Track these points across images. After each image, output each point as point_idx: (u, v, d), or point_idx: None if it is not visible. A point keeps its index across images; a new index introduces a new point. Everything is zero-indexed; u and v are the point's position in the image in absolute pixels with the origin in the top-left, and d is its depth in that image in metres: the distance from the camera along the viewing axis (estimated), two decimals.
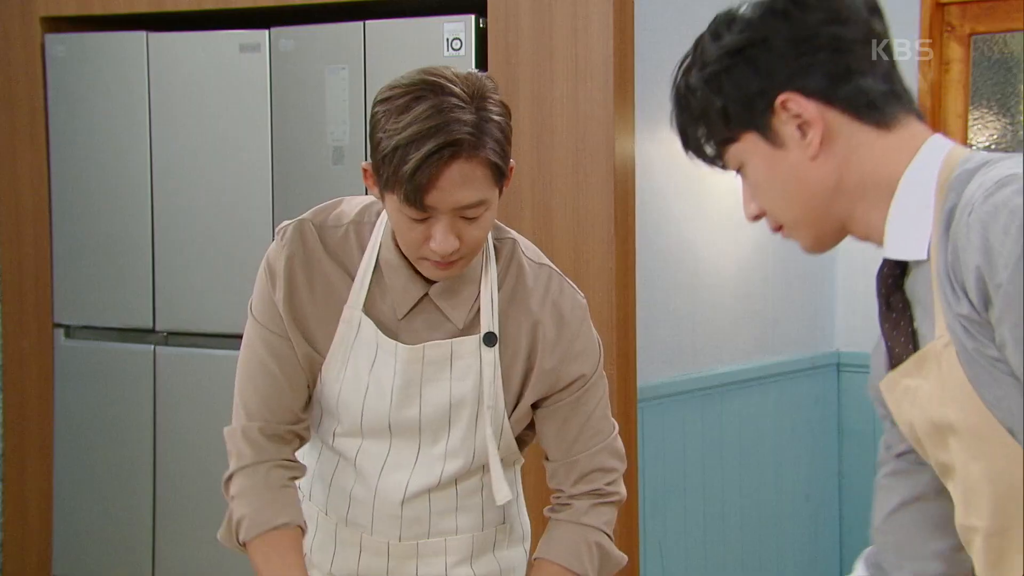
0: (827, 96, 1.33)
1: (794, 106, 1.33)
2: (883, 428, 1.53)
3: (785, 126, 1.34)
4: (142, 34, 3.79)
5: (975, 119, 4.00)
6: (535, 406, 1.88)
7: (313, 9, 3.63)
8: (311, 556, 1.95)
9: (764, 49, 1.34)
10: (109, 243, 3.88)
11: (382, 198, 1.71)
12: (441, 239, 1.66)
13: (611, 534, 1.90)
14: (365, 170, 1.73)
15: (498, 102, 1.68)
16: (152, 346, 3.85)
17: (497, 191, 1.69)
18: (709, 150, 1.41)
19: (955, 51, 3.94)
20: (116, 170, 3.86)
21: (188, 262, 3.78)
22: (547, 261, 1.88)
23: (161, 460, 3.84)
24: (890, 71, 1.35)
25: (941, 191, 1.30)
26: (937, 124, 3.96)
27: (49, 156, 3.96)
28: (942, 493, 1.45)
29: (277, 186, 3.64)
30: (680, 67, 1.44)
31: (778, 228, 1.43)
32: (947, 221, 1.26)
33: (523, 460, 2.01)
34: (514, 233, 1.89)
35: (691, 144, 1.43)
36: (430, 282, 1.79)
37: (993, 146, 4.03)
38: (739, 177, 1.43)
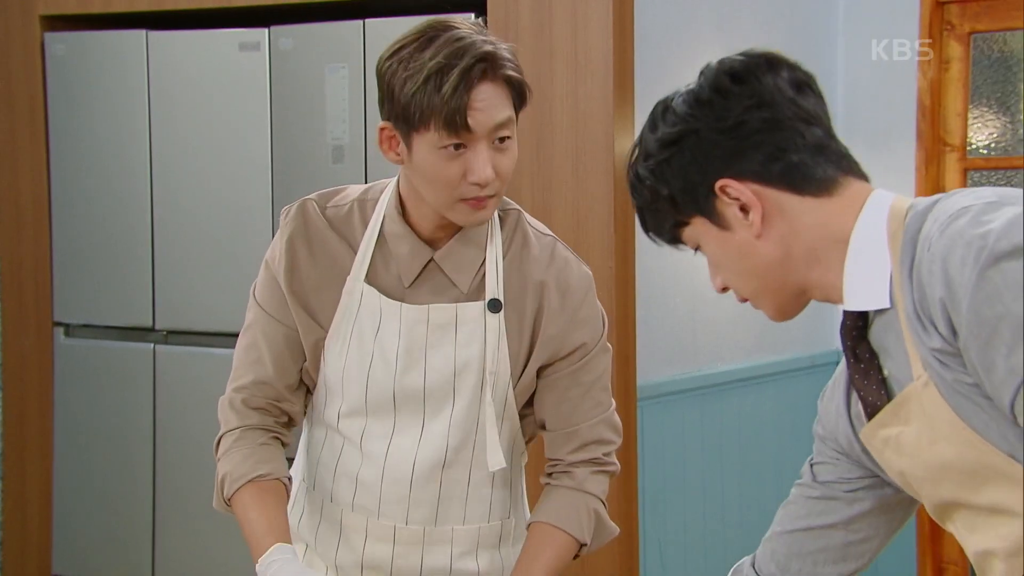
0: (762, 176, 1.39)
1: (732, 190, 1.39)
2: (815, 452, 1.64)
3: (728, 208, 1.41)
4: (142, 32, 3.79)
5: (975, 118, 4.00)
6: (537, 374, 1.89)
7: (313, 7, 3.63)
8: (315, 546, 1.95)
9: (696, 139, 1.41)
10: (109, 242, 3.88)
11: (408, 151, 1.74)
12: (482, 166, 1.70)
13: (606, 503, 1.93)
14: (382, 129, 1.76)
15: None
16: (152, 345, 3.85)
17: (516, 115, 1.76)
18: (666, 233, 1.50)
19: (955, 50, 3.94)
20: (116, 169, 3.86)
21: (188, 261, 3.78)
22: (551, 233, 1.92)
23: (161, 459, 3.84)
24: (823, 141, 1.40)
25: (893, 239, 1.34)
26: (936, 123, 3.96)
27: (49, 155, 3.96)
28: (851, 526, 1.56)
29: (277, 185, 3.64)
30: (631, 156, 1.51)
31: (744, 299, 1.51)
32: (909, 262, 1.30)
33: (527, 457, 2.01)
34: (518, 205, 1.93)
35: (649, 227, 1.52)
36: (435, 248, 1.83)
37: (993, 144, 4.03)
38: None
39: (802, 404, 4.10)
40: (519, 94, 1.75)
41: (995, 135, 4.02)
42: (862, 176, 1.42)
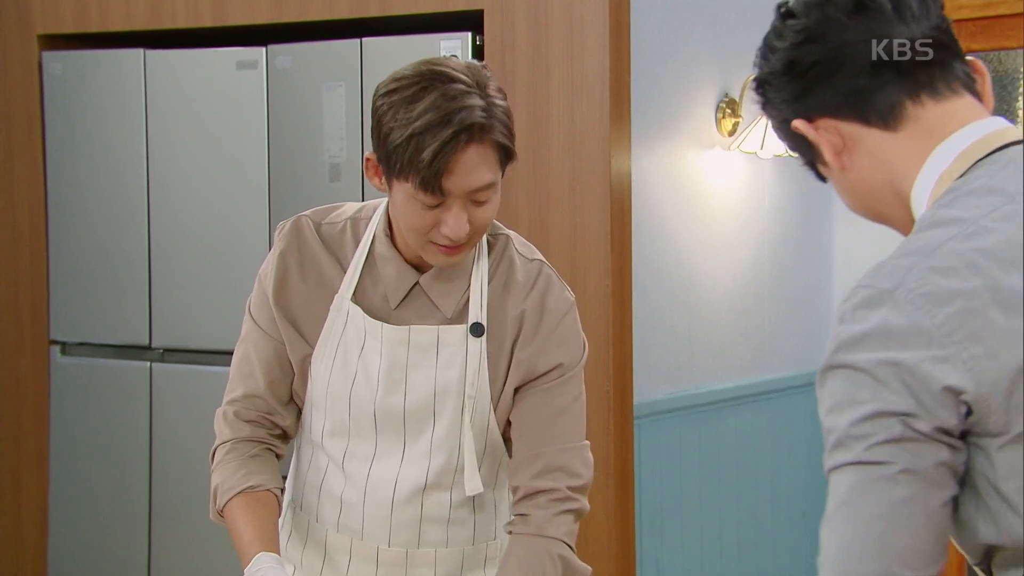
0: (829, 110, 1.32)
1: (802, 129, 1.34)
2: None
3: (817, 144, 1.35)
4: (139, 51, 3.80)
5: None
6: (514, 396, 1.86)
7: (310, 26, 3.64)
8: (301, 567, 1.95)
9: (768, 86, 1.38)
10: (105, 260, 3.88)
11: (388, 188, 1.75)
12: (454, 224, 1.70)
13: (573, 546, 1.83)
14: (368, 159, 1.77)
15: (497, 88, 1.74)
16: (148, 363, 3.84)
17: (502, 173, 1.75)
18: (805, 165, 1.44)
19: None
20: (113, 187, 3.87)
21: (185, 279, 3.78)
22: (540, 257, 1.91)
23: (157, 477, 3.84)
24: (884, 59, 1.28)
25: None
26: None
27: (46, 173, 3.96)
28: None
29: (274, 203, 3.64)
30: None
31: None
32: None
33: None
34: (508, 231, 1.93)
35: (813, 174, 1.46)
36: (421, 271, 1.84)
37: None
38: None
39: (798, 422, 4.11)
40: (507, 154, 1.73)
41: None
42: (948, 95, 1.29)
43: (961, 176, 1.25)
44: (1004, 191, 1.22)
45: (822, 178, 1.40)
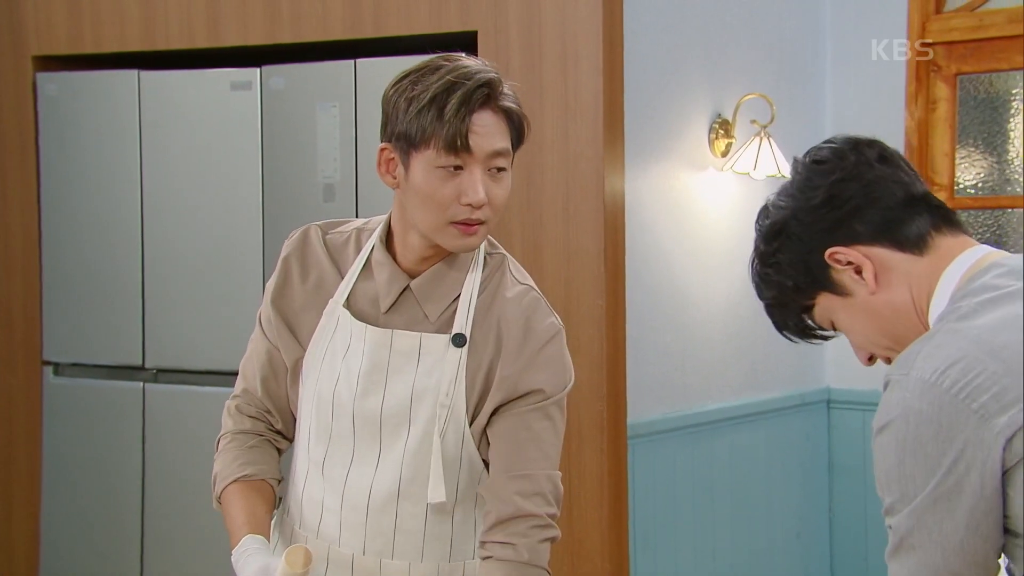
0: (864, 237, 1.50)
1: (841, 256, 1.51)
2: None
3: (843, 275, 1.51)
4: (134, 72, 3.81)
5: (962, 158, 4.02)
6: (492, 415, 1.86)
7: (304, 47, 3.66)
8: None
9: (796, 222, 1.54)
10: (99, 281, 3.88)
11: (405, 171, 1.78)
12: (475, 188, 1.75)
13: (551, 573, 1.84)
14: (382, 150, 1.81)
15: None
16: (141, 383, 3.84)
17: (512, 150, 1.81)
18: (794, 322, 1.59)
19: (941, 91, 3.97)
20: (107, 208, 3.87)
21: (178, 299, 3.78)
22: (531, 283, 1.93)
23: (149, 497, 3.83)
24: (911, 198, 1.50)
25: None
26: (924, 162, 3.99)
27: (40, 194, 3.96)
28: None
29: (267, 223, 3.65)
30: (751, 264, 1.62)
31: (887, 360, 1.56)
32: None
33: None
34: (506, 252, 1.96)
35: (779, 322, 1.61)
36: (413, 277, 1.87)
37: (980, 184, 4.05)
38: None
39: (792, 442, 4.10)
40: (517, 129, 1.80)
41: (982, 175, 4.05)
42: (957, 230, 1.51)
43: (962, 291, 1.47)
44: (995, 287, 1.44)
45: (810, 333, 1.58)
